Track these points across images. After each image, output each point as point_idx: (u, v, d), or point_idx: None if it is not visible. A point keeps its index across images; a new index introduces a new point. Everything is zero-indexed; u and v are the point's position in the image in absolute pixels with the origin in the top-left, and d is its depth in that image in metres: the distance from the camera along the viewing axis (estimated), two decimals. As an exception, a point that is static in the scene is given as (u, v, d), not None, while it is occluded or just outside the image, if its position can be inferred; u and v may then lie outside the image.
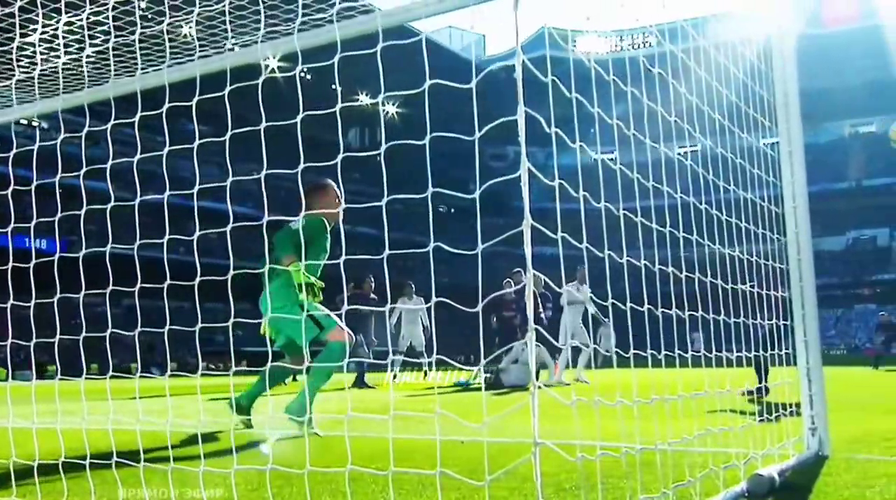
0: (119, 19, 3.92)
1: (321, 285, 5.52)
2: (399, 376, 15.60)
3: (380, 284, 14.08)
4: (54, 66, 3.79)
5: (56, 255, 2.99)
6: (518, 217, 2.10)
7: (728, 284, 3.88)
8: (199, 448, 3.21)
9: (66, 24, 3.75)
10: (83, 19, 3.39)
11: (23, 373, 24.48)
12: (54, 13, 3.71)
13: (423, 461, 3.90)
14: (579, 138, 2.45)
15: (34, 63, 3.70)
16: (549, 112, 2.36)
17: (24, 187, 3.61)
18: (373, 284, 14.20)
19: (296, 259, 5.35)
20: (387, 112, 54.92)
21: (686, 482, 2.74)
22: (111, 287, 3.00)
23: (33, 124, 38.87)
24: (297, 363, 5.86)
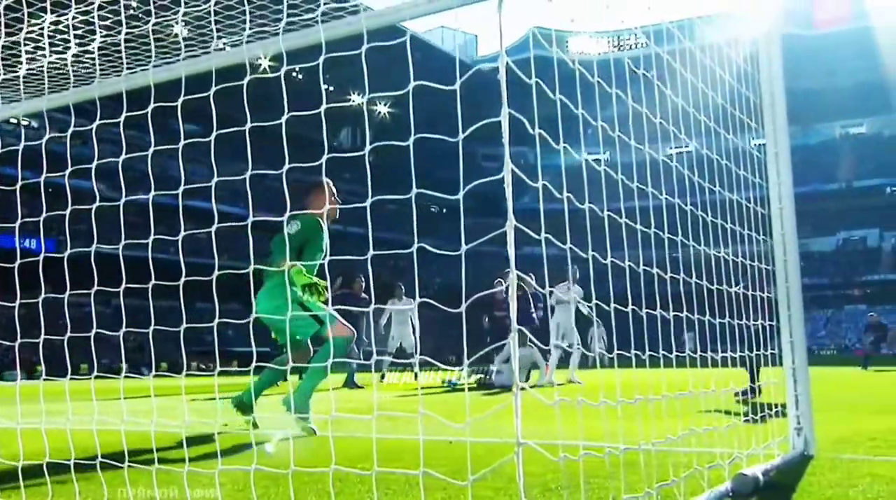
0: (107, 18, 3.91)
1: (325, 284, 5.53)
2: (387, 377, 15.60)
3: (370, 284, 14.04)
4: (41, 66, 3.77)
5: (41, 255, 2.98)
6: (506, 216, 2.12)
7: (714, 284, 3.90)
8: (187, 449, 3.20)
9: (53, 23, 3.74)
10: (69, 18, 3.38)
11: (11, 373, 24.35)
12: (41, 12, 3.70)
13: (411, 461, 3.90)
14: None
15: (20, 62, 3.69)
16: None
17: (9, 187, 3.60)
18: (363, 283, 14.18)
19: (295, 263, 5.39)
20: (378, 112, 54.88)
21: (670, 482, 2.75)
22: (97, 287, 2.99)
23: (23, 123, 38.66)
24: (300, 358, 5.86)
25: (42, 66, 3.65)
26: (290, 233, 5.64)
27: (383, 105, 55.10)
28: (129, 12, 3.89)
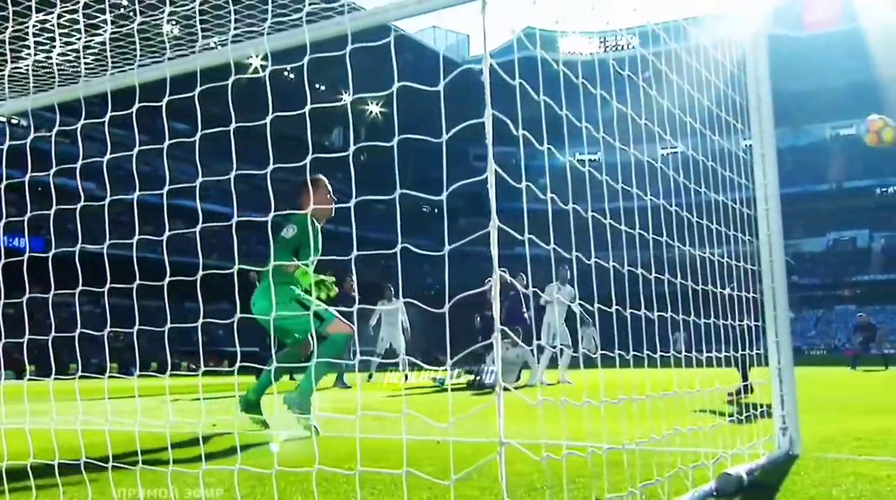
0: (94, 17, 3.90)
1: (332, 280, 5.54)
2: (374, 377, 15.60)
3: (361, 283, 14.04)
4: (27, 64, 3.76)
5: (26, 255, 2.97)
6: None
7: (701, 285, 3.92)
8: (171, 450, 3.20)
9: (41, 21, 3.73)
10: (54, 17, 3.37)
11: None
12: (28, 11, 3.69)
13: (397, 460, 3.91)
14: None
15: (5, 61, 3.68)
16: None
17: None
18: (354, 282, 14.15)
19: (298, 264, 5.43)
20: (370, 112, 54.86)
21: (654, 482, 2.76)
22: (81, 287, 2.99)
23: (12, 121, 38.45)
24: (302, 351, 5.86)
25: (28, 65, 3.64)
26: (287, 237, 5.62)
27: (375, 105, 55.07)
28: (117, 11, 3.89)
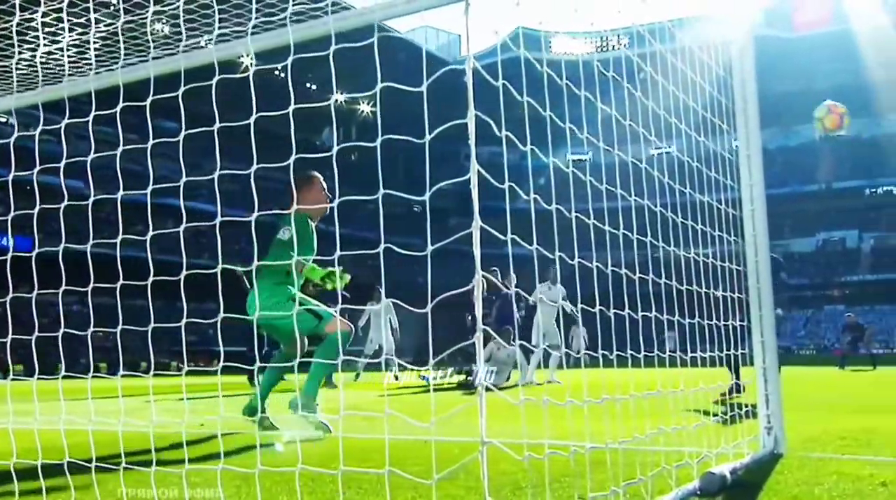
0: (81, 15, 3.89)
1: (343, 270, 5.54)
2: (361, 377, 15.60)
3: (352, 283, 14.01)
4: (9, 64, 3.74)
5: (9, 254, 2.96)
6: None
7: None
8: (154, 450, 3.19)
9: (26, 20, 3.71)
10: (36, 16, 3.36)
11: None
12: (13, 9, 3.67)
13: (383, 460, 3.91)
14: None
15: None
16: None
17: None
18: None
19: (305, 263, 5.44)
20: (361, 111, 54.81)
21: (637, 481, 2.78)
22: (65, 286, 2.98)
23: (1, 119, 38.23)
24: (294, 351, 5.82)
25: (9, 65, 3.62)
26: (285, 239, 5.57)
27: (367, 104, 55.02)
28: (103, 10, 3.88)
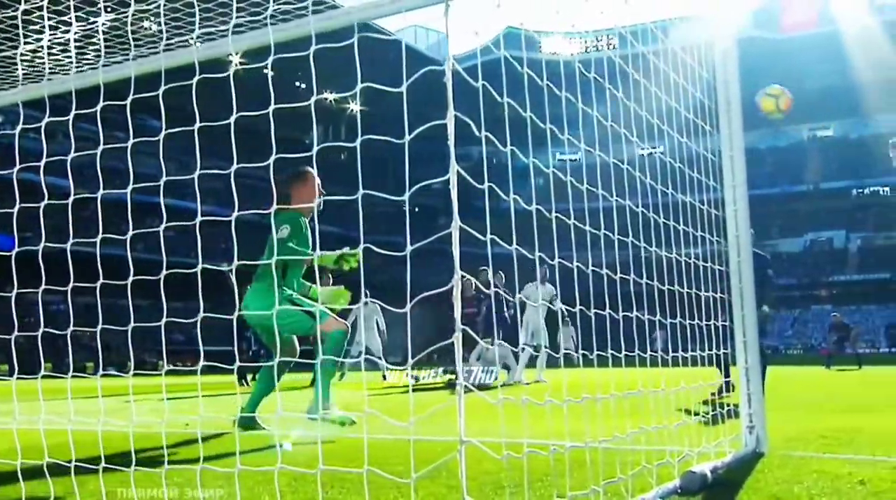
0: (64, 13, 3.87)
1: (355, 252, 5.50)
2: (346, 376, 15.58)
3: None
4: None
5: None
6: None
7: (667, 286, 3.97)
8: (134, 450, 3.19)
9: (9, 17, 3.70)
10: (17, 13, 3.35)
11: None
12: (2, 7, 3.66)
13: (369, 459, 3.91)
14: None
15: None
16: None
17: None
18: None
19: (314, 255, 5.44)
20: (351, 110, 54.74)
21: (617, 480, 2.79)
22: (44, 285, 2.97)
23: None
24: (288, 357, 5.76)
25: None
26: (282, 238, 5.54)
27: (355, 103, 54.93)
28: (87, 8, 3.86)
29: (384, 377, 14.84)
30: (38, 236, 3.05)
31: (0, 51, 4.10)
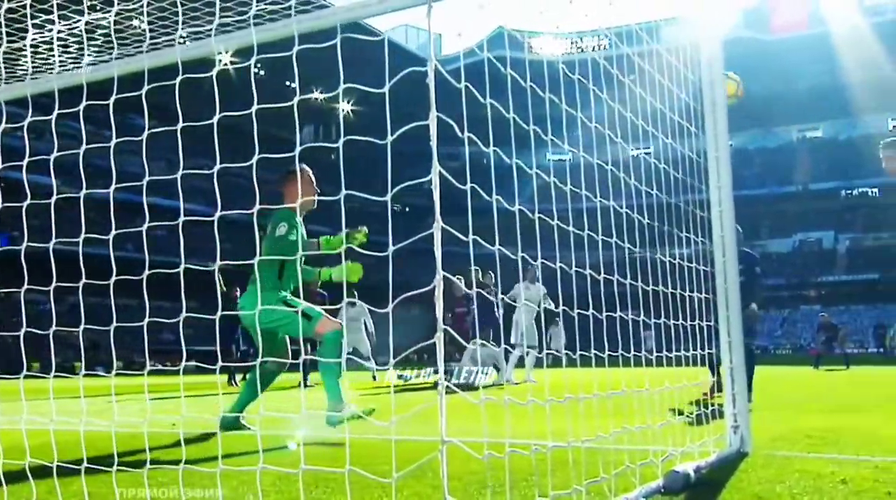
0: (49, 12, 3.85)
1: (363, 230, 5.53)
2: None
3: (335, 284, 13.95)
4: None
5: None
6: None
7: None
8: (116, 450, 3.18)
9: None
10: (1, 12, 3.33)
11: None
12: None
13: (355, 458, 3.91)
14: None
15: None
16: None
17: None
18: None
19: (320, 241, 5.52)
20: (342, 110, 54.64)
21: (599, 479, 2.80)
22: (26, 285, 2.96)
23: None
24: (279, 363, 5.73)
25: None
26: (281, 235, 5.48)
27: (347, 103, 54.87)
28: (73, 7, 3.84)
29: (374, 378, 14.84)
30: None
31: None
